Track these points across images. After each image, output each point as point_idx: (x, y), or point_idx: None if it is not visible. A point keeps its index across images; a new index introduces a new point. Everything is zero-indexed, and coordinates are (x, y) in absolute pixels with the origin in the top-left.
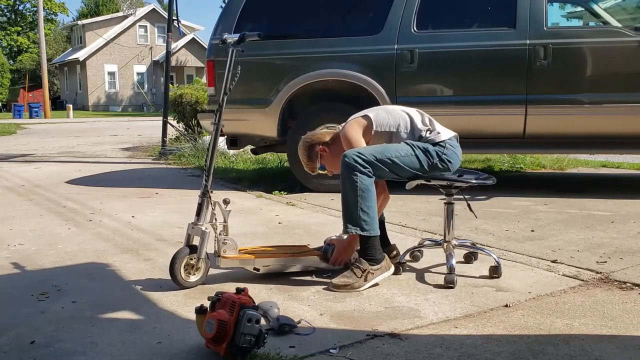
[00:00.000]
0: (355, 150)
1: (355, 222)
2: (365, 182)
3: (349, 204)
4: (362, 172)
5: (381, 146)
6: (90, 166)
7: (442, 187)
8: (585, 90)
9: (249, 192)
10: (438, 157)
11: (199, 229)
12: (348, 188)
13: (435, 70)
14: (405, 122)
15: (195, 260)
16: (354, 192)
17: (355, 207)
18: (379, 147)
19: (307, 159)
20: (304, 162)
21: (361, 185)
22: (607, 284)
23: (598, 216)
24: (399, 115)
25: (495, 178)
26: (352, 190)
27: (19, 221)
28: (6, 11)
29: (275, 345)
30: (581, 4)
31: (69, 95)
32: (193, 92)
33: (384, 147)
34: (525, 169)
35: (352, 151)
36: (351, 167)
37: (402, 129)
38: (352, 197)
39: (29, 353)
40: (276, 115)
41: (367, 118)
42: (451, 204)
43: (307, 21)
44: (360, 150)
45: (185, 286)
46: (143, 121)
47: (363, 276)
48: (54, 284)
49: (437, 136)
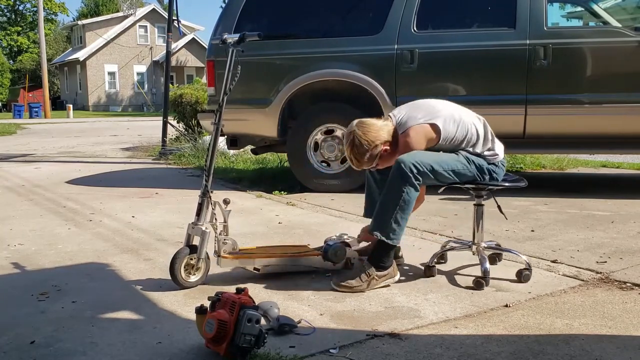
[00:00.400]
0: (412, 159)
1: (384, 229)
2: (411, 194)
3: (386, 209)
4: (412, 184)
5: (438, 156)
6: (90, 166)
7: (472, 189)
8: (585, 90)
9: (249, 192)
10: (489, 175)
11: (199, 229)
12: (392, 195)
13: (435, 70)
14: (470, 138)
15: (195, 260)
16: (396, 201)
17: (390, 214)
18: (437, 157)
19: (367, 159)
20: (359, 160)
21: (406, 197)
22: (607, 284)
23: (598, 216)
24: (467, 130)
25: (526, 180)
26: (394, 199)
27: (19, 221)
28: (6, 11)
29: (275, 345)
30: (581, 4)
31: (69, 95)
32: (193, 92)
33: (442, 159)
34: (525, 169)
35: (409, 159)
36: (405, 176)
37: (464, 145)
38: (392, 204)
39: (29, 353)
40: (276, 115)
41: (435, 129)
42: (481, 205)
43: (307, 21)
44: (418, 160)
45: (185, 286)
46: (143, 121)
47: (367, 281)
48: (54, 284)
49: (495, 158)
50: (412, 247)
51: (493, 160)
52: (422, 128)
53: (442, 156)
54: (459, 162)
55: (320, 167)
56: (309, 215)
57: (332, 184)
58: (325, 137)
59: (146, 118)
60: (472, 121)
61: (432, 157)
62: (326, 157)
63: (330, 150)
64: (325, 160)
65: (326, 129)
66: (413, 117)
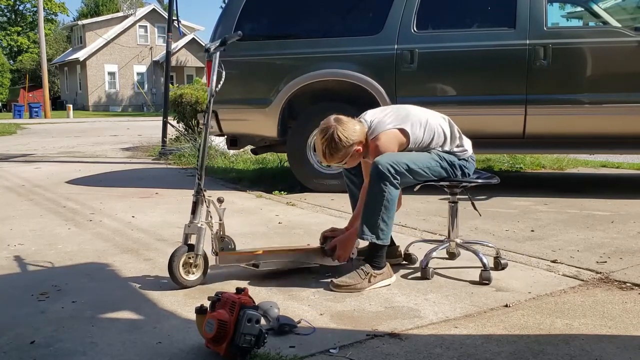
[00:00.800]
0: (388, 159)
1: (373, 229)
2: (393, 193)
3: (372, 211)
4: (392, 183)
5: (412, 155)
6: (90, 166)
7: (446, 186)
8: (585, 90)
9: (249, 192)
10: (461, 170)
11: (195, 226)
12: (375, 196)
13: (435, 70)
14: (438, 139)
15: (193, 257)
16: (380, 202)
17: (377, 215)
18: (411, 156)
19: (340, 156)
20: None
21: (388, 196)
22: (607, 284)
23: (598, 216)
24: (434, 131)
25: (498, 177)
26: (378, 200)
27: (19, 221)
28: (6, 11)
29: (275, 345)
30: (581, 4)
31: (69, 95)
32: (193, 92)
33: (416, 157)
34: (525, 169)
35: (385, 160)
36: (384, 177)
37: (434, 145)
38: (377, 205)
39: (29, 353)
40: (276, 115)
41: (405, 134)
42: (455, 202)
43: (307, 21)
44: (394, 160)
45: (184, 285)
46: (143, 121)
47: (366, 278)
48: (54, 284)
49: (464, 153)
50: (413, 247)
51: (463, 156)
52: (392, 133)
53: (415, 155)
54: (432, 159)
55: (320, 167)
56: (309, 215)
57: (332, 184)
58: None
59: (146, 118)
60: (437, 122)
61: (407, 156)
62: None
63: None
64: None
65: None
66: (383, 122)
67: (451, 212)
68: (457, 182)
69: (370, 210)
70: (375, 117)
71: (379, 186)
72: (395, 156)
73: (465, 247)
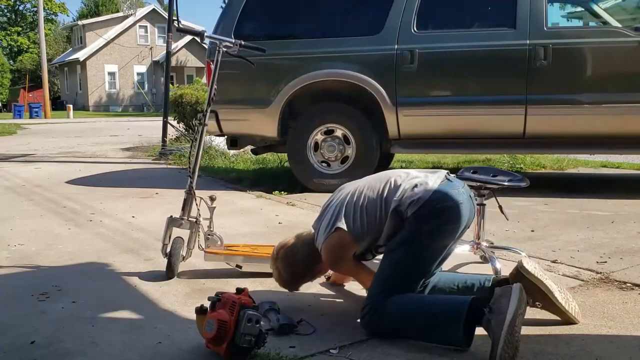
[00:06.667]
0: (380, 288)
1: None
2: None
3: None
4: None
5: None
6: (90, 166)
7: (473, 187)
8: (585, 90)
9: (249, 192)
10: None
11: (185, 222)
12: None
13: (435, 70)
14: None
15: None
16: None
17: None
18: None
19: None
20: (297, 284)
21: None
22: (607, 284)
23: (598, 216)
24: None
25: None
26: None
27: (19, 221)
28: (6, 11)
29: (276, 345)
30: (581, 4)
31: (69, 96)
32: (193, 92)
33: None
34: (525, 169)
35: (377, 291)
36: (372, 321)
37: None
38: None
39: (29, 353)
40: (276, 115)
41: (341, 233)
42: (482, 205)
43: (308, 21)
44: (385, 287)
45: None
46: (143, 121)
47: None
48: (54, 284)
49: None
50: None
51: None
52: (330, 242)
53: (404, 262)
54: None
55: (320, 167)
56: (309, 216)
57: (332, 184)
58: (326, 137)
59: (146, 118)
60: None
61: (396, 269)
62: (326, 157)
63: (330, 151)
64: (326, 160)
65: (326, 129)
66: (321, 229)
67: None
68: (482, 183)
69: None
70: (317, 223)
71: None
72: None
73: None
